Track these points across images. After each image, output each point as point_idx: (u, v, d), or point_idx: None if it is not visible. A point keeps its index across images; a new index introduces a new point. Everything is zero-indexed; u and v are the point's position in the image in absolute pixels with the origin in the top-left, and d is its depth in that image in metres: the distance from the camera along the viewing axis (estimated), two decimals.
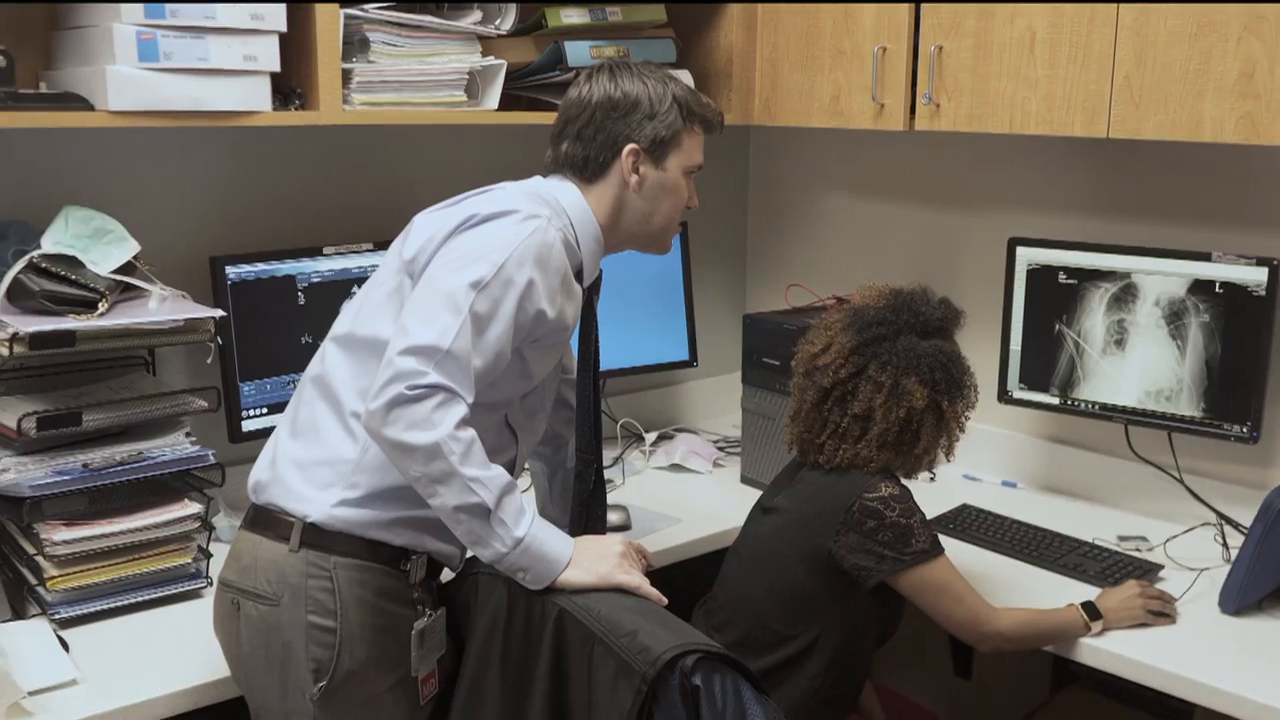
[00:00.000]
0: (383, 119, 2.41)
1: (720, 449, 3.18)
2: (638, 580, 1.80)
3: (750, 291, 3.62)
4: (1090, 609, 2.16)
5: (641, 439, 3.18)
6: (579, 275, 1.96)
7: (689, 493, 2.89)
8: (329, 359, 1.88)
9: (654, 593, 1.81)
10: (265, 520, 1.84)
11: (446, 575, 2.00)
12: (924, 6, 2.62)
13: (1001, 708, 2.85)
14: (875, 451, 2.11)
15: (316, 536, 1.79)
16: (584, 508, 2.15)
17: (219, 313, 2.18)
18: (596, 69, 2.01)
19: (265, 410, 2.50)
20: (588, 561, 1.78)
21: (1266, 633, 2.17)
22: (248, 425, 2.48)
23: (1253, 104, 2.16)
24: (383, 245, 2.61)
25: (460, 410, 1.70)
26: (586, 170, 1.98)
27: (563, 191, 1.97)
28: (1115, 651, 2.12)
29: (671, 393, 3.43)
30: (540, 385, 1.99)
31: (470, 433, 1.71)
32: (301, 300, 2.52)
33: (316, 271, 2.53)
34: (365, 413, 1.71)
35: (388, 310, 1.84)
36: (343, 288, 2.56)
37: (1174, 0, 2.23)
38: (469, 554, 1.94)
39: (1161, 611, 2.19)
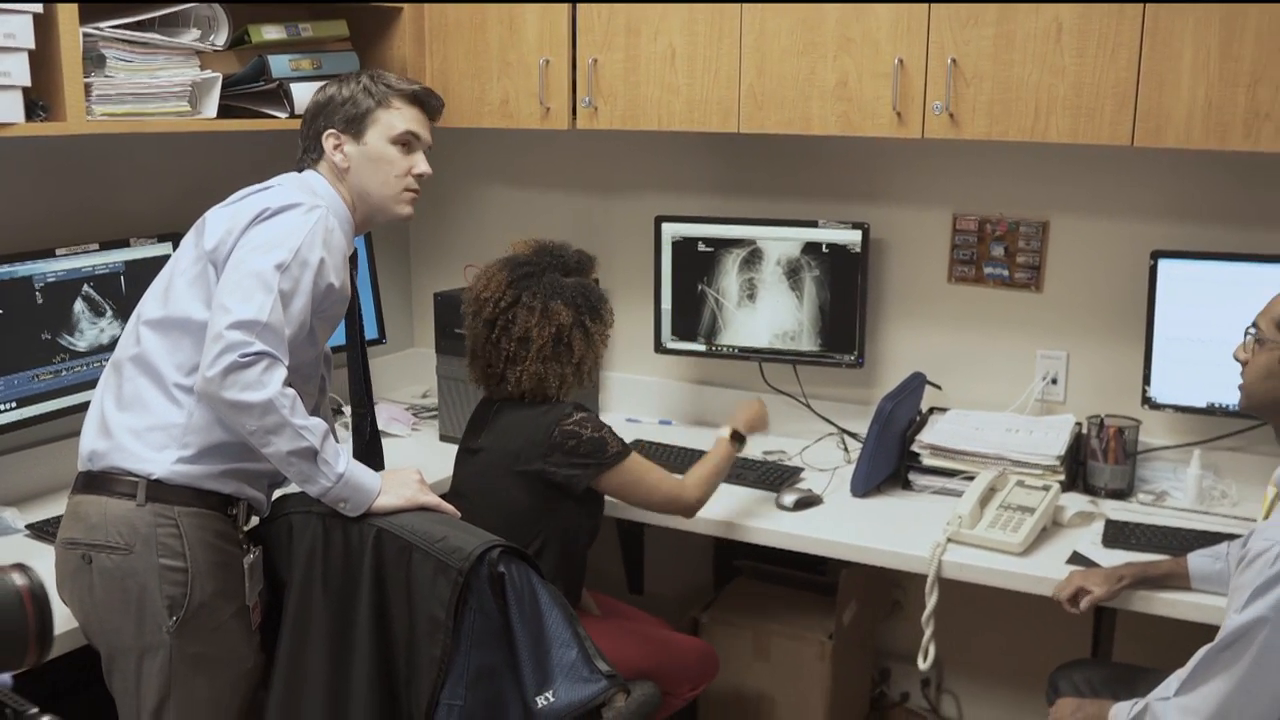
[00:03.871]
0: (122, 128, 2.61)
1: (414, 415, 3.55)
2: (436, 500, 2.19)
3: (416, 274, 3.95)
4: (735, 436, 2.72)
5: (341, 411, 3.49)
6: None
7: (397, 453, 3.15)
8: (145, 340, 2.13)
9: (450, 508, 2.21)
10: (106, 483, 2.07)
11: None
12: (579, 25, 3.07)
13: (675, 611, 3.36)
14: (543, 366, 2.53)
15: (159, 491, 2.05)
16: (364, 456, 2.48)
17: None
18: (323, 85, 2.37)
19: (14, 405, 2.63)
20: (395, 488, 2.14)
21: (885, 506, 2.85)
22: None
23: (847, 105, 2.80)
24: (109, 245, 2.81)
25: (283, 372, 2.01)
26: (305, 161, 2.32)
27: (316, 182, 2.30)
28: (782, 531, 2.71)
29: None
30: (317, 354, 2.32)
31: (292, 390, 2.03)
32: (40, 300, 2.67)
33: (52, 271, 2.69)
34: (201, 379, 1.99)
35: (195, 294, 2.11)
36: (76, 286, 2.73)
37: (788, 2, 2.80)
38: (273, 501, 2.26)
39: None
